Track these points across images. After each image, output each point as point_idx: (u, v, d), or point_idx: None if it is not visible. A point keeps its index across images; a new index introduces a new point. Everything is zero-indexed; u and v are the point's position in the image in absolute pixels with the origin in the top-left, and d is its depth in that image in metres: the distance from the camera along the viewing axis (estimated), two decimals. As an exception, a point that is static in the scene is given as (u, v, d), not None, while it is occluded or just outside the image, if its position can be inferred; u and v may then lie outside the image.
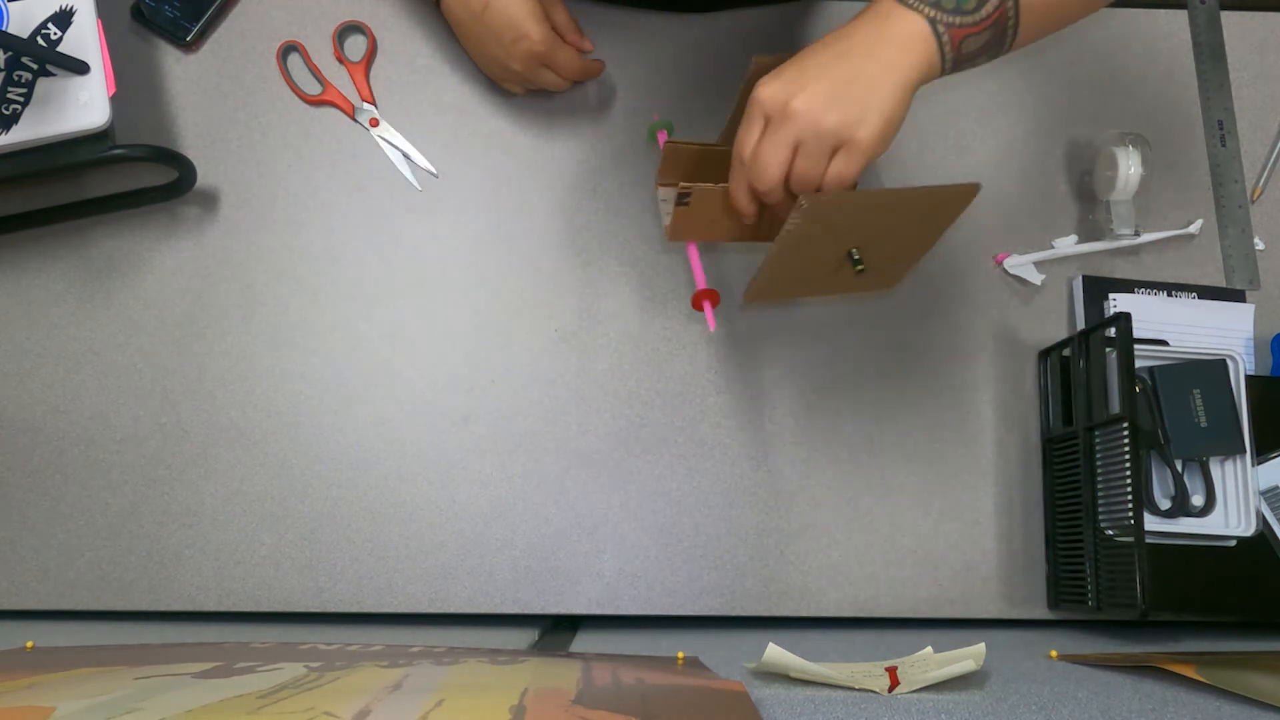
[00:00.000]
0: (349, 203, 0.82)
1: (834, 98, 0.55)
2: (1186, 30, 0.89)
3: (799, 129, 0.56)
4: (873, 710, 0.49)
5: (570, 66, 0.78)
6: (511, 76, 0.79)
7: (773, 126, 0.57)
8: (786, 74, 0.57)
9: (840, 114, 0.55)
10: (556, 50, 0.76)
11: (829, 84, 0.55)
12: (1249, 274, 0.85)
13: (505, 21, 0.74)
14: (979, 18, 0.55)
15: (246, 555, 0.77)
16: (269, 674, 0.50)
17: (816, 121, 0.55)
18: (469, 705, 0.44)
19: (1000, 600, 0.80)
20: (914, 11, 0.55)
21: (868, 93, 0.55)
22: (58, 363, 0.79)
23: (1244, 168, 0.87)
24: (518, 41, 0.74)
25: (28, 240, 0.81)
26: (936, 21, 0.55)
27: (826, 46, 0.57)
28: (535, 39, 0.74)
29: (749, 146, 0.58)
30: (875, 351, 0.82)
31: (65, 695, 0.44)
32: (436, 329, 0.81)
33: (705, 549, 0.79)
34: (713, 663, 0.62)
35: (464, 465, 0.79)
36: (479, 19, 0.75)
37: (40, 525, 0.77)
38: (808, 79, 0.55)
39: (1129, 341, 0.74)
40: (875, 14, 0.56)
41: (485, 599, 0.77)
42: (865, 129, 0.54)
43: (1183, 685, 0.56)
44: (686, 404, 0.81)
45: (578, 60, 0.78)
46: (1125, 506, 0.71)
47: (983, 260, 0.85)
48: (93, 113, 0.71)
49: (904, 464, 0.81)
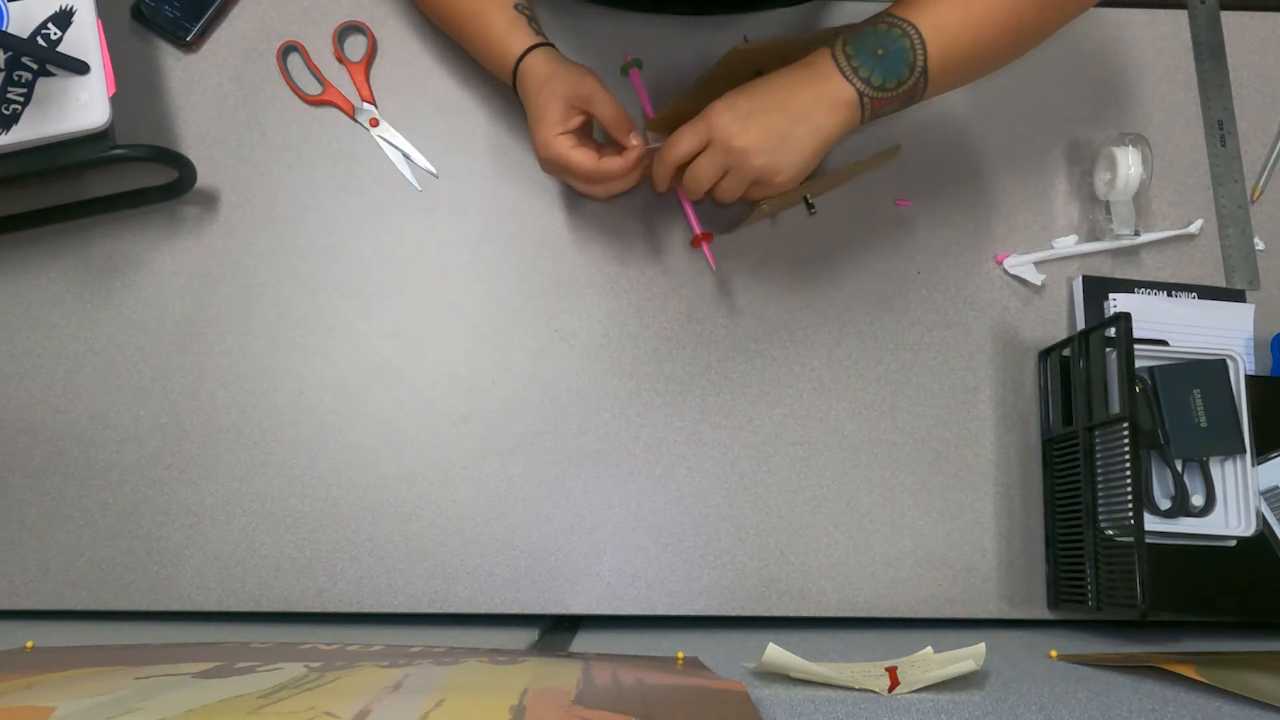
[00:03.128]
0: (349, 203, 0.82)
1: (765, 149, 0.68)
2: (1186, 30, 0.89)
3: (732, 161, 0.69)
4: (873, 710, 0.49)
5: (581, 172, 0.71)
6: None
7: (712, 149, 0.69)
8: (740, 107, 0.68)
9: (766, 161, 0.68)
10: (560, 158, 0.71)
11: (765, 134, 0.68)
12: (1249, 274, 0.85)
13: (530, 118, 0.73)
14: (896, 93, 0.68)
15: (246, 555, 0.77)
16: (269, 674, 0.50)
17: (747, 162, 0.68)
18: (469, 705, 0.44)
19: (1000, 600, 0.80)
20: (848, 83, 0.67)
21: (793, 150, 0.68)
22: (58, 363, 0.79)
23: (1244, 168, 0.87)
24: (533, 141, 0.73)
25: (28, 240, 0.81)
26: (864, 94, 0.67)
27: (774, 94, 0.68)
28: (538, 143, 0.72)
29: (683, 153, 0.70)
30: (875, 351, 0.82)
31: (65, 695, 0.44)
32: (436, 329, 0.81)
33: (705, 549, 0.79)
34: (713, 663, 0.62)
35: (464, 465, 0.79)
36: (526, 103, 0.74)
37: (40, 525, 0.77)
38: (752, 124, 0.68)
39: (1129, 341, 0.74)
40: (818, 76, 0.68)
41: (485, 599, 0.77)
42: (781, 176, 0.69)
43: (1183, 685, 0.56)
44: (686, 404, 0.81)
45: (589, 165, 0.71)
46: (1125, 506, 0.71)
47: (983, 260, 0.85)
48: (93, 113, 0.71)
49: (904, 464, 0.81)
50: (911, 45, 0.67)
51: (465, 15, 0.76)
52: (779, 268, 0.83)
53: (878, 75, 0.67)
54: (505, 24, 0.74)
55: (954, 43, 0.68)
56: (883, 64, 0.67)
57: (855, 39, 0.68)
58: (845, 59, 0.67)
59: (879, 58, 0.67)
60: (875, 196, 0.85)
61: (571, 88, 0.71)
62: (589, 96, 0.71)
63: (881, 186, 0.85)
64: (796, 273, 0.83)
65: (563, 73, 0.71)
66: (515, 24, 0.74)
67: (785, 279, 0.83)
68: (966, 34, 0.68)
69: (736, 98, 0.69)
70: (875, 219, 0.85)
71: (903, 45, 0.67)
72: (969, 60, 0.70)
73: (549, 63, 0.72)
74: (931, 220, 0.85)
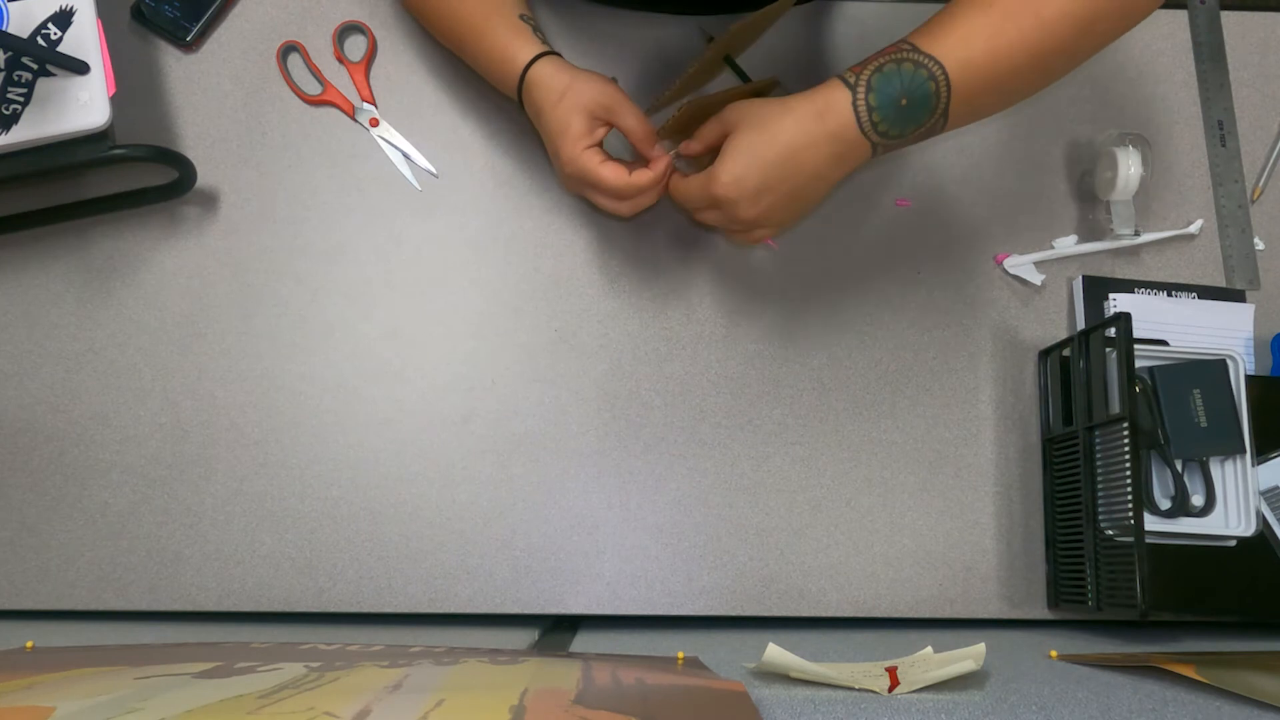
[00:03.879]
0: (349, 203, 0.82)
1: (775, 213, 0.67)
2: (1186, 30, 0.89)
3: (737, 223, 0.68)
4: (873, 710, 0.49)
5: (608, 188, 0.69)
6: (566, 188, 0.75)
7: (720, 214, 0.68)
8: (748, 183, 0.65)
9: (776, 223, 0.69)
10: (587, 174, 0.68)
11: (777, 202, 0.66)
12: (1249, 274, 0.85)
13: (550, 132, 0.69)
14: (911, 137, 0.65)
15: (246, 555, 0.77)
16: (269, 674, 0.50)
17: (753, 229, 0.69)
18: (469, 705, 0.44)
19: (1000, 600, 0.80)
20: (865, 139, 0.64)
21: (801, 208, 0.68)
22: (58, 363, 0.79)
23: (1244, 168, 0.87)
24: (555, 158, 0.70)
25: (28, 240, 0.81)
26: (878, 145, 0.65)
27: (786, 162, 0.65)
28: (563, 159, 0.69)
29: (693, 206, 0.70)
30: (875, 351, 0.82)
31: (65, 695, 0.44)
32: (436, 329, 0.81)
33: (705, 549, 0.79)
34: (713, 663, 0.62)
35: (464, 465, 0.79)
36: (537, 124, 0.71)
37: (40, 525, 0.77)
38: (763, 200, 0.66)
39: (1129, 341, 0.74)
40: (834, 135, 0.64)
41: (485, 599, 0.77)
42: (783, 229, 0.71)
43: (1183, 685, 0.56)
44: (686, 404, 0.81)
45: (617, 181, 0.68)
46: (1125, 506, 0.71)
47: (983, 260, 0.85)
48: (93, 113, 0.71)
49: (904, 464, 0.81)
50: (936, 90, 0.63)
51: (466, 26, 0.73)
52: (779, 268, 0.83)
53: (896, 128, 0.64)
54: (509, 33, 0.71)
55: (980, 77, 0.63)
56: (904, 114, 0.63)
57: (880, 81, 0.63)
58: (867, 110, 0.63)
59: (902, 108, 0.63)
60: (875, 196, 0.85)
61: (594, 98, 0.68)
62: (612, 107, 0.68)
63: (882, 186, 0.85)
64: (796, 273, 0.83)
65: (581, 83, 0.68)
66: (519, 32, 0.71)
67: (785, 279, 0.83)
68: (993, 65, 0.63)
69: (745, 169, 0.65)
70: (875, 219, 0.85)
71: (927, 90, 0.63)
72: (994, 96, 0.66)
73: (564, 72, 0.69)
74: (931, 220, 0.85)
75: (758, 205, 0.66)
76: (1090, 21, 0.63)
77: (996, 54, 0.63)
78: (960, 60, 0.62)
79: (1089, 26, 0.63)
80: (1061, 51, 0.64)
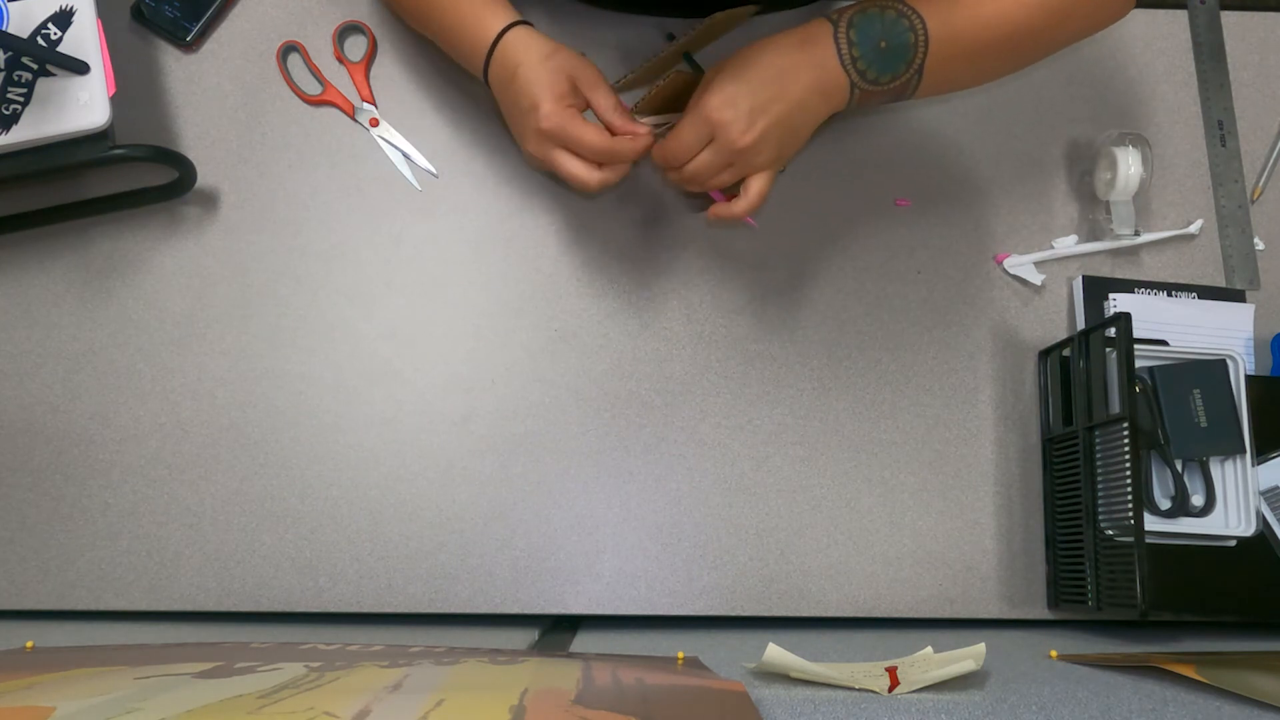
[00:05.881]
0: (349, 203, 0.82)
1: (769, 145, 0.67)
2: (1186, 30, 0.89)
3: (737, 155, 0.68)
4: (873, 710, 0.49)
5: (591, 146, 0.67)
6: (531, 157, 0.71)
7: (715, 149, 0.68)
8: (741, 104, 0.66)
9: (769, 156, 0.68)
10: (569, 128, 0.67)
11: (770, 131, 0.66)
12: (1249, 274, 0.85)
13: (525, 91, 0.67)
14: (887, 88, 0.68)
15: (246, 555, 0.77)
16: (269, 674, 0.50)
17: (750, 159, 0.68)
18: (469, 705, 0.44)
19: (1000, 600, 0.80)
20: (844, 72, 0.66)
21: (793, 143, 0.69)
22: (58, 363, 0.79)
23: (1244, 168, 0.87)
24: (530, 113, 0.67)
25: (28, 240, 0.81)
26: (855, 85, 0.67)
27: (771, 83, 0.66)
28: (543, 112, 0.66)
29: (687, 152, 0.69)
30: (875, 351, 0.82)
31: (65, 695, 0.44)
32: (436, 329, 0.81)
33: (705, 549, 0.79)
34: (713, 663, 0.62)
35: (464, 465, 0.79)
36: (508, 87, 0.69)
37: (40, 525, 0.77)
38: (758, 121, 0.66)
39: (1129, 341, 0.74)
40: (815, 62, 0.66)
41: (485, 599, 0.77)
42: (778, 163, 0.70)
43: (1183, 685, 0.56)
44: (686, 404, 0.81)
45: (601, 141, 0.67)
46: (1125, 506, 0.71)
47: (983, 260, 0.85)
48: (93, 113, 0.71)
49: (904, 464, 0.81)
50: (915, 41, 0.66)
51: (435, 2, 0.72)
52: (779, 268, 0.83)
53: (874, 70, 0.66)
54: (481, 2, 0.70)
55: (957, 42, 0.67)
56: (883, 57, 0.66)
57: (861, 21, 0.66)
58: (847, 45, 0.66)
59: (880, 50, 0.66)
60: (875, 196, 0.85)
61: (577, 69, 0.68)
62: (593, 82, 0.68)
63: (881, 186, 0.85)
64: (796, 273, 0.83)
65: (566, 53, 0.68)
66: (491, 2, 0.70)
67: (785, 279, 0.83)
68: (971, 33, 0.67)
69: (735, 91, 0.66)
70: (875, 219, 0.85)
71: (907, 40, 0.66)
72: (967, 65, 0.69)
73: (547, 40, 0.68)
74: (931, 220, 0.85)
75: (753, 128, 0.66)
76: (1064, 14, 0.68)
77: (975, 22, 0.67)
78: (941, 19, 0.66)
79: (1063, 18, 0.68)
80: (1034, 36, 0.69)
